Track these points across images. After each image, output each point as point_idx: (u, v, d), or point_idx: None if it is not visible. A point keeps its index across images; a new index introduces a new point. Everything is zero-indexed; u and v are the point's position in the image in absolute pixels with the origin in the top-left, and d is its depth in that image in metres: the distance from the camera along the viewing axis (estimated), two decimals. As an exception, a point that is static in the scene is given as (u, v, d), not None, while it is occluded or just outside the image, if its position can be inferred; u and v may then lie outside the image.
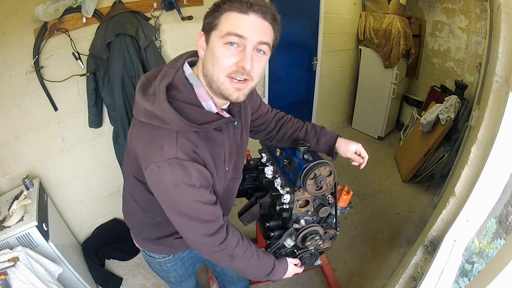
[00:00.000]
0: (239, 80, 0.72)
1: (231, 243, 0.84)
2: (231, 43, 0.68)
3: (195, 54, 0.81)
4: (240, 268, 0.92)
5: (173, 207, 0.77)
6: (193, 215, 0.77)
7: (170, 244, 1.00)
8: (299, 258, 1.16)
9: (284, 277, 1.06)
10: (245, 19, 0.68)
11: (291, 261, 1.09)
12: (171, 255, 1.07)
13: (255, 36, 0.69)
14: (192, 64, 0.79)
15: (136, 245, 1.10)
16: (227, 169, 0.86)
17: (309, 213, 1.14)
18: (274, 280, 1.04)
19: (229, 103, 0.83)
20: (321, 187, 1.04)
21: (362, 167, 1.11)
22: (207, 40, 0.72)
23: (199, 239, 0.81)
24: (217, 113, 0.77)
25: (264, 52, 0.73)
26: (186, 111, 0.72)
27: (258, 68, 0.73)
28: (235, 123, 0.85)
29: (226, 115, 0.79)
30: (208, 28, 0.71)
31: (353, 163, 1.12)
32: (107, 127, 1.96)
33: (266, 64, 0.80)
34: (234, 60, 0.69)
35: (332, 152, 1.11)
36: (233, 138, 0.86)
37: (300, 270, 1.14)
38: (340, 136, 1.11)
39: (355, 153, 1.09)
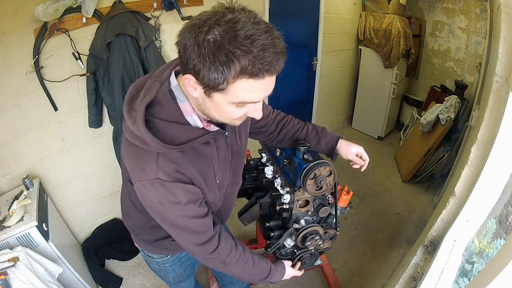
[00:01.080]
0: None
1: (224, 251, 0.84)
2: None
3: None
4: (235, 273, 0.93)
5: (162, 219, 0.78)
6: (182, 226, 0.77)
7: (167, 246, 1.00)
8: (299, 258, 1.16)
9: (282, 279, 1.07)
10: (260, 84, 0.59)
11: (287, 264, 1.09)
12: (169, 256, 1.08)
13: (267, 93, 0.64)
14: (179, 71, 0.72)
15: (135, 244, 1.10)
16: (217, 181, 0.83)
17: (309, 213, 1.14)
18: (272, 282, 1.04)
19: None
20: (321, 187, 1.04)
21: (363, 169, 1.10)
22: (207, 93, 0.61)
23: (190, 247, 0.82)
24: (203, 127, 0.73)
25: None
26: (168, 130, 0.68)
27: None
28: (226, 133, 0.80)
29: (214, 128, 0.74)
30: (209, 85, 0.58)
31: (354, 165, 1.11)
32: (107, 127, 1.96)
33: None
34: (244, 112, 0.67)
35: (332, 153, 1.11)
36: (226, 148, 0.82)
37: (299, 273, 1.13)
38: (341, 138, 1.11)
39: (356, 155, 1.08)
